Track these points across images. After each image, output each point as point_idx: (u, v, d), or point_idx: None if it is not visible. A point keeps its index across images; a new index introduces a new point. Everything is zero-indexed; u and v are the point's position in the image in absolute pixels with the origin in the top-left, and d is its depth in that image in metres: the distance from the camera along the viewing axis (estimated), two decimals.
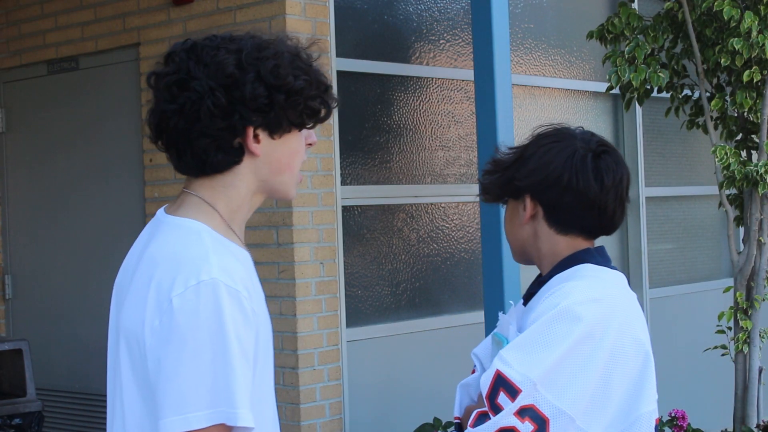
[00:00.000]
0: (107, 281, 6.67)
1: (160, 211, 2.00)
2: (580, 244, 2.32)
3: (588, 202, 2.27)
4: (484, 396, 2.14)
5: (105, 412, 6.44)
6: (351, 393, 5.32)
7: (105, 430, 6.02)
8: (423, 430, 5.13)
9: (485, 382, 2.14)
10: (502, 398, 2.11)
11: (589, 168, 2.27)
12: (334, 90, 5.27)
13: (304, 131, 1.99)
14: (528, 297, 2.35)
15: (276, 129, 1.93)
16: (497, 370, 2.13)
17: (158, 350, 1.79)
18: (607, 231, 2.35)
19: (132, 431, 1.87)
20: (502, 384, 2.11)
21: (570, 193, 2.26)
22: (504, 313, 2.50)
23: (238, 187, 1.94)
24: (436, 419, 5.18)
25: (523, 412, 2.08)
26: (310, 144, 2.02)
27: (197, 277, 1.79)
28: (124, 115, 5.82)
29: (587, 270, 2.27)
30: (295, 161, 1.98)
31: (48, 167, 6.27)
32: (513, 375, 2.10)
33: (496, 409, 2.11)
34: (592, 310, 2.15)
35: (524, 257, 2.40)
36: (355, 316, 5.45)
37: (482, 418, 2.14)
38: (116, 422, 1.92)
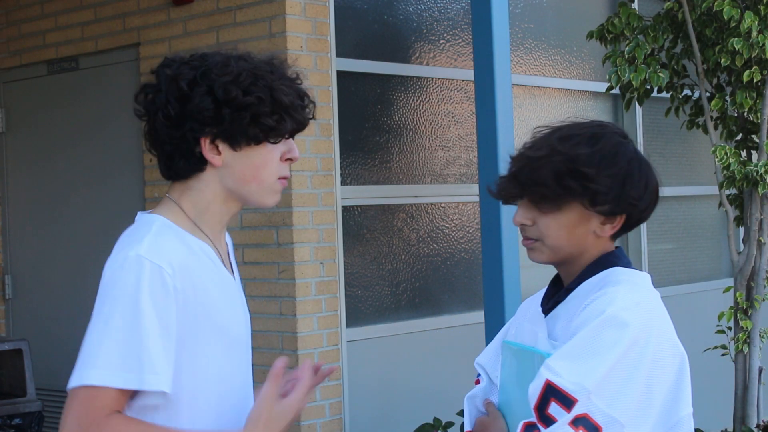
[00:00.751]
0: None
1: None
2: (611, 245, 2.29)
3: (655, 206, 2.29)
4: (532, 407, 2.10)
5: None
6: (351, 393, 5.32)
7: None
8: (423, 430, 5.13)
9: (533, 392, 2.10)
10: (555, 408, 2.07)
11: (651, 169, 2.29)
12: (336, 104, 5.30)
13: (277, 145, 2.11)
14: (553, 305, 2.28)
15: (234, 142, 2.07)
16: (547, 380, 2.08)
17: (92, 312, 2.00)
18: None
19: None
20: (553, 394, 2.07)
21: (653, 202, 2.27)
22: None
23: (203, 192, 2.11)
24: (436, 419, 5.18)
25: (577, 422, 2.05)
26: (289, 159, 2.14)
27: (126, 253, 2.00)
28: (124, 115, 5.82)
29: (620, 274, 2.23)
30: (262, 174, 2.10)
31: (48, 167, 6.27)
32: (566, 384, 2.06)
33: (547, 420, 2.08)
34: (637, 315, 2.12)
35: (563, 260, 2.28)
36: (355, 316, 5.45)
37: (530, 429, 2.11)
38: None
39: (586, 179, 2.18)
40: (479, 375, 2.52)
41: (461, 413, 5.14)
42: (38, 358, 5.85)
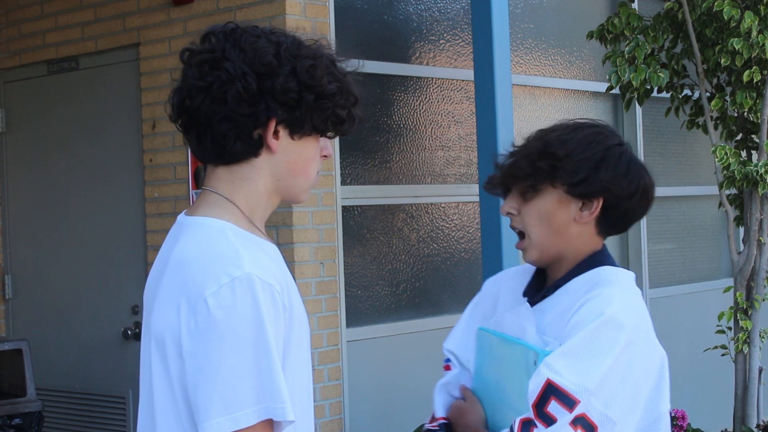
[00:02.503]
0: (107, 281, 6.64)
1: (181, 215, 1.97)
2: (600, 243, 2.33)
3: (647, 206, 2.33)
4: (530, 404, 2.12)
5: (105, 412, 6.45)
6: (351, 393, 5.32)
7: (105, 430, 6.05)
8: (423, 430, 5.13)
9: (533, 390, 2.12)
10: (555, 407, 2.09)
11: (645, 169, 2.33)
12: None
13: (322, 140, 1.99)
14: (540, 298, 2.30)
15: (298, 129, 1.91)
16: (548, 378, 2.11)
17: (197, 351, 1.75)
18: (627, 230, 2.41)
19: None
20: (553, 393, 2.10)
21: (641, 200, 2.31)
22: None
23: (257, 182, 1.92)
24: None
25: (576, 421, 2.09)
26: (325, 156, 2.01)
27: (230, 274, 1.77)
28: (124, 115, 5.82)
29: (610, 273, 2.27)
30: (310, 167, 1.97)
31: (48, 167, 6.26)
32: (567, 384, 2.09)
33: (546, 418, 2.10)
34: (630, 317, 2.17)
35: (549, 256, 2.30)
36: (355, 316, 5.45)
37: (527, 425, 2.13)
38: (147, 426, 1.89)
39: (555, 159, 2.25)
40: (448, 360, 2.54)
41: None
42: (38, 358, 5.85)
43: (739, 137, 6.07)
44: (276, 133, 1.90)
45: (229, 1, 5.28)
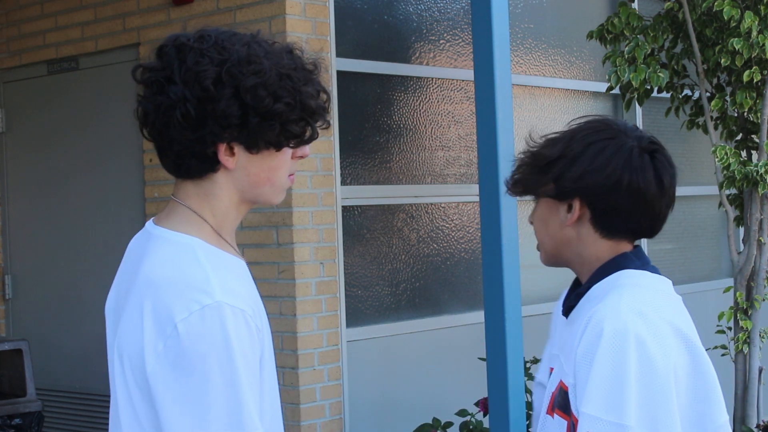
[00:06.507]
0: (107, 281, 6.65)
1: (149, 223, 1.94)
2: (623, 247, 2.17)
3: (645, 205, 2.14)
4: None
5: (105, 412, 6.44)
6: (351, 393, 5.32)
7: (105, 430, 6.05)
8: (423, 430, 5.13)
9: None
10: None
11: (649, 168, 2.14)
12: (336, 104, 5.30)
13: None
14: (568, 309, 2.19)
15: (253, 145, 1.87)
16: None
17: (165, 376, 1.75)
18: (653, 234, 2.22)
19: None
20: None
21: (629, 197, 2.11)
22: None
23: (221, 198, 1.91)
24: (435, 419, 5.18)
25: None
26: (300, 157, 1.96)
27: (200, 301, 1.76)
28: (124, 115, 5.82)
29: (627, 276, 2.12)
30: (276, 176, 1.92)
31: (48, 167, 6.26)
32: (609, 429, 1.93)
33: None
34: (638, 325, 2.00)
35: (557, 260, 2.21)
36: (355, 316, 5.45)
37: None
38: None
39: (544, 161, 2.14)
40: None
41: (461, 413, 5.14)
42: (38, 358, 5.85)
43: (739, 137, 6.07)
44: (231, 149, 1.86)
45: (229, 1, 5.28)
